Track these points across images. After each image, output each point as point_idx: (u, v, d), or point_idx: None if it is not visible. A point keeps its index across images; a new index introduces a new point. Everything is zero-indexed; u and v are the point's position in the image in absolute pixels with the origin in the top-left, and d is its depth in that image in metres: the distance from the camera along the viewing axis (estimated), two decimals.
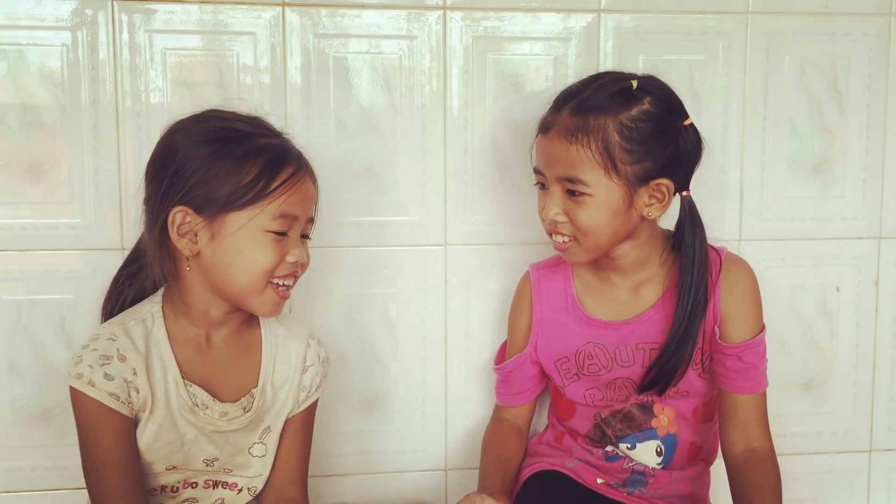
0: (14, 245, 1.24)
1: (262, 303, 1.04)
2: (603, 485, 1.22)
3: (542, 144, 1.12)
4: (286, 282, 1.05)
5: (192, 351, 1.07)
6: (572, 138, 1.07)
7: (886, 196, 1.41)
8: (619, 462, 1.22)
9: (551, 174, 1.10)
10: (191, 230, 1.01)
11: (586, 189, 1.07)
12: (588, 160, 1.06)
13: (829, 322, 1.42)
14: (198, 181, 1.00)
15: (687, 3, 1.33)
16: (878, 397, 1.45)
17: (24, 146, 1.22)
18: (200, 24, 1.24)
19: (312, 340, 1.15)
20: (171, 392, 1.05)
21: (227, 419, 1.08)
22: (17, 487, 1.28)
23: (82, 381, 1.01)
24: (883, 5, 1.37)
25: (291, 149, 1.06)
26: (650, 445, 1.21)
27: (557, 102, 1.12)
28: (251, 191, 1.00)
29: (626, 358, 1.18)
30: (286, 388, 1.12)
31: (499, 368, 1.27)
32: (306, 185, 1.05)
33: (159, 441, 1.06)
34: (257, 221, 1.00)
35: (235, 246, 1.01)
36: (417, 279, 1.33)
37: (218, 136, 1.02)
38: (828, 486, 1.46)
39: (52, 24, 1.21)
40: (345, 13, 1.27)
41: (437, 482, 1.39)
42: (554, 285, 1.23)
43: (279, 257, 1.02)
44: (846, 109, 1.38)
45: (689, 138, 1.11)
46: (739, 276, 1.16)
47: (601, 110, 1.06)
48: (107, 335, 1.04)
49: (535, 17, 1.31)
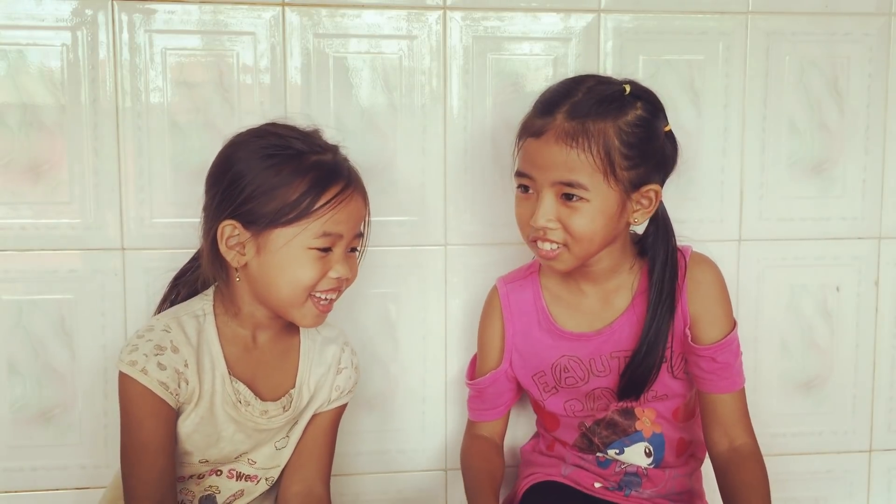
0: (14, 245, 1.24)
1: (303, 315, 1.08)
2: (601, 488, 1.22)
3: (534, 148, 1.08)
4: (329, 296, 1.08)
5: (238, 349, 1.11)
6: (572, 142, 1.05)
7: (886, 196, 1.41)
8: (612, 466, 1.22)
9: (545, 179, 1.07)
10: (239, 243, 1.05)
11: (585, 194, 1.06)
12: (589, 165, 1.05)
13: (829, 322, 1.42)
14: (248, 196, 1.03)
15: (687, 3, 1.33)
16: (878, 397, 1.45)
17: (24, 146, 1.22)
18: (200, 24, 1.24)
19: (347, 347, 1.19)
20: (217, 387, 1.08)
21: (266, 417, 1.11)
22: (17, 487, 1.28)
23: (135, 368, 1.03)
24: (883, 5, 1.37)
25: (341, 166, 1.08)
26: (638, 448, 1.21)
27: (546, 105, 1.09)
28: (296, 208, 1.02)
29: (602, 368, 1.18)
30: (320, 388, 1.15)
31: (472, 384, 1.25)
32: (353, 202, 1.07)
33: (198, 433, 1.08)
34: (301, 238, 1.03)
35: (279, 261, 1.04)
36: (417, 279, 1.33)
37: (271, 152, 1.04)
38: (828, 486, 1.46)
39: (52, 24, 1.21)
40: (345, 13, 1.27)
41: (436, 482, 1.39)
42: (523, 298, 1.21)
43: (321, 274, 1.05)
44: (846, 109, 1.38)
45: (670, 143, 1.11)
46: (704, 276, 1.16)
47: (600, 115, 1.05)
48: (161, 326, 1.07)
49: (535, 17, 1.31)
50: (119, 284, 1.26)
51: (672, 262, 1.14)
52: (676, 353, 1.16)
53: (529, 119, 1.11)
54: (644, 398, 1.18)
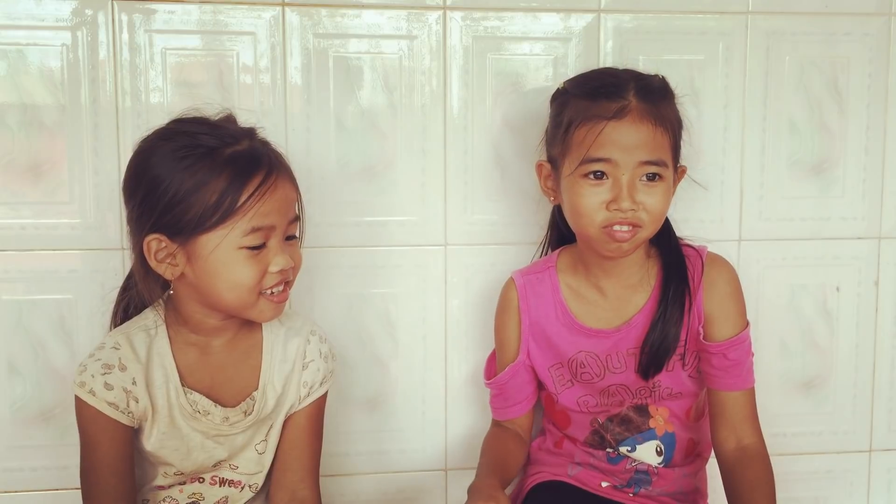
0: (14, 245, 1.24)
1: (260, 312, 1.03)
2: (608, 487, 1.22)
3: (619, 130, 1.07)
4: (276, 289, 1.03)
5: (193, 358, 1.08)
6: (657, 122, 1.08)
7: (886, 196, 1.41)
8: (623, 463, 1.22)
9: (632, 160, 1.07)
10: (169, 255, 1.00)
11: (664, 172, 1.10)
12: (667, 145, 1.10)
13: (829, 322, 1.42)
14: (166, 205, 0.98)
15: (687, 3, 1.33)
16: (878, 397, 1.45)
17: (24, 146, 1.22)
18: (200, 24, 1.24)
19: (313, 336, 1.14)
20: (172, 399, 1.06)
21: (228, 424, 1.08)
22: (17, 487, 1.28)
23: (84, 389, 1.02)
24: (883, 5, 1.37)
25: (259, 153, 1.01)
26: (650, 446, 1.21)
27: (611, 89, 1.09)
28: (218, 210, 0.97)
29: (618, 364, 1.18)
30: (287, 387, 1.11)
31: (492, 383, 1.25)
32: (280, 189, 1.00)
33: (165, 448, 1.06)
34: (229, 240, 0.98)
35: (212, 268, 0.99)
36: (417, 279, 1.33)
37: (182, 154, 0.98)
38: (828, 486, 1.46)
39: (52, 24, 1.21)
40: (345, 13, 1.27)
41: (437, 482, 1.39)
42: (541, 291, 1.21)
43: (259, 272, 1.00)
44: (846, 109, 1.38)
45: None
46: (720, 276, 1.17)
47: (663, 97, 1.12)
48: (111, 344, 1.05)
49: (535, 17, 1.31)
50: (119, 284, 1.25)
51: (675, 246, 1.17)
52: (691, 351, 1.17)
53: (591, 105, 1.09)
54: (659, 395, 1.19)
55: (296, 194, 1.06)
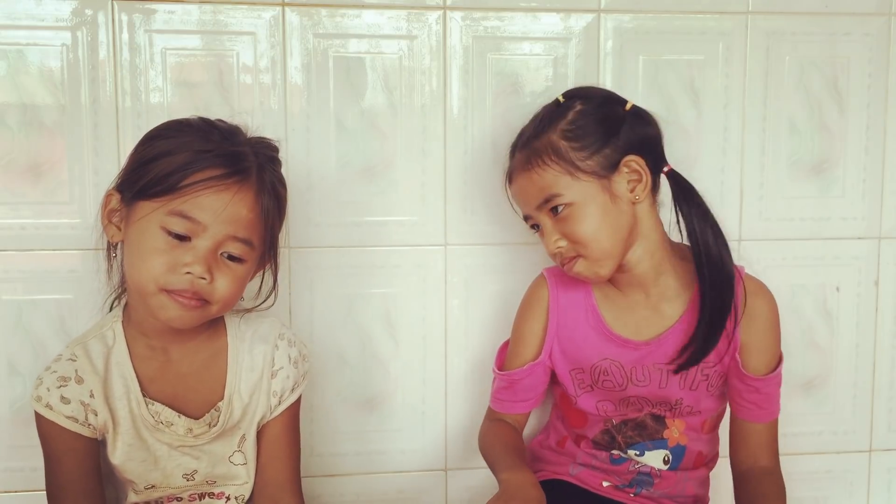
0: (14, 245, 1.24)
1: (160, 306, 0.96)
2: (609, 487, 1.21)
3: (514, 192, 1.17)
4: (183, 300, 0.95)
5: (154, 366, 1.04)
6: (529, 166, 1.11)
7: (886, 196, 1.41)
8: (626, 464, 1.21)
9: (533, 208, 1.12)
10: (119, 216, 0.98)
11: (564, 199, 1.08)
12: (551, 174, 1.09)
13: (829, 322, 1.42)
14: (134, 166, 0.98)
15: (687, 3, 1.33)
16: (878, 397, 1.45)
17: (24, 146, 1.22)
18: (200, 24, 1.24)
19: (281, 341, 1.09)
20: (134, 411, 1.02)
21: (192, 435, 1.04)
22: (17, 487, 1.28)
23: (41, 403, 0.99)
24: (883, 5, 1.37)
25: (240, 158, 0.97)
26: (658, 454, 1.20)
27: (511, 151, 1.18)
28: (163, 182, 0.93)
29: (643, 377, 1.16)
30: (255, 396, 1.07)
31: (505, 375, 1.22)
32: (235, 198, 0.94)
33: (132, 461, 1.03)
34: (157, 214, 0.93)
35: (134, 235, 0.95)
36: (417, 279, 1.33)
37: (171, 126, 0.99)
38: (828, 486, 1.46)
39: (52, 24, 1.21)
40: (345, 13, 1.27)
41: (437, 482, 1.39)
42: (573, 293, 1.20)
43: (168, 262, 0.93)
44: (846, 109, 1.38)
45: (639, 118, 1.12)
46: (762, 310, 1.15)
47: (541, 132, 1.11)
48: (68, 355, 1.02)
49: (535, 17, 1.31)
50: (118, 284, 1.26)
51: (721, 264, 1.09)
52: (718, 373, 1.16)
53: (506, 171, 1.19)
54: (679, 411, 1.18)
55: (252, 219, 0.97)
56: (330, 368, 1.32)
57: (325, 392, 1.33)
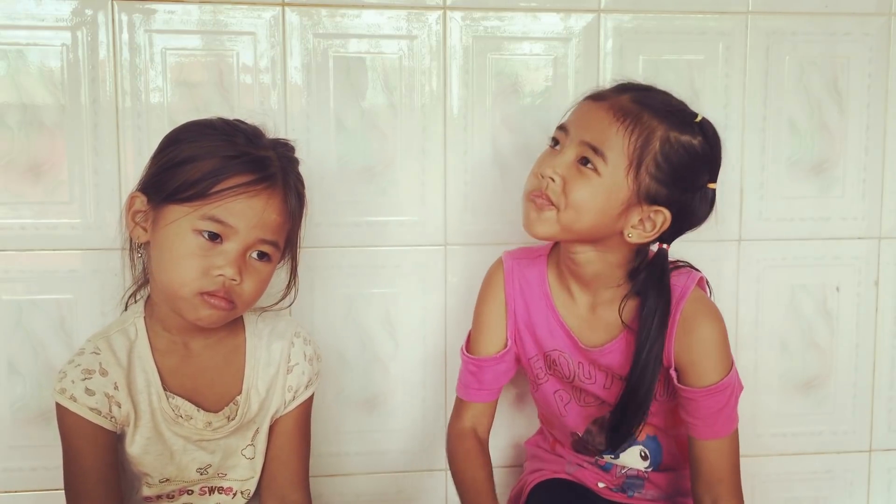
0: (14, 245, 1.24)
1: (193, 308, 0.98)
2: (605, 489, 1.21)
3: (586, 108, 1.06)
4: (215, 301, 0.97)
5: (175, 360, 1.05)
6: (622, 117, 1.02)
7: (886, 196, 1.41)
8: (613, 469, 1.21)
9: (578, 135, 1.04)
10: (144, 218, 1.00)
11: (601, 166, 1.02)
12: (622, 146, 1.01)
13: (829, 322, 1.42)
14: (160, 168, 0.99)
15: (687, 3, 1.33)
16: (878, 397, 1.45)
17: (24, 146, 1.22)
18: (200, 24, 1.24)
19: (297, 339, 1.11)
20: (154, 404, 1.04)
21: (211, 429, 1.06)
22: (17, 487, 1.28)
23: (65, 396, 1.00)
24: (883, 5, 1.37)
25: (265, 164, 0.99)
26: (633, 451, 1.20)
27: (622, 86, 1.08)
28: (194, 188, 0.95)
29: (588, 376, 1.15)
30: (272, 391, 1.09)
31: (474, 360, 1.18)
32: (263, 202, 0.98)
33: (149, 454, 1.04)
34: (189, 219, 0.96)
35: (165, 239, 0.97)
36: (417, 279, 1.33)
37: (206, 132, 1.00)
38: (828, 486, 1.46)
39: (52, 24, 1.21)
40: (345, 13, 1.27)
41: (437, 482, 1.39)
42: (530, 276, 1.17)
43: (202, 266, 0.96)
44: (846, 109, 1.38)
45: (707, 200, 1.07)
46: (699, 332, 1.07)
47: (659, 114, 1.02)
48: (91, 349, 1.03)
49: (535, 17, 1.31)
50: (119, 284, 1.25)
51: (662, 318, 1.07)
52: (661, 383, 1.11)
53: (598, 90, 1.08)
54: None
55: (284, 221, 1.01)
56: (330, 368, 1.32)
57: (326, 392, 1.33)
